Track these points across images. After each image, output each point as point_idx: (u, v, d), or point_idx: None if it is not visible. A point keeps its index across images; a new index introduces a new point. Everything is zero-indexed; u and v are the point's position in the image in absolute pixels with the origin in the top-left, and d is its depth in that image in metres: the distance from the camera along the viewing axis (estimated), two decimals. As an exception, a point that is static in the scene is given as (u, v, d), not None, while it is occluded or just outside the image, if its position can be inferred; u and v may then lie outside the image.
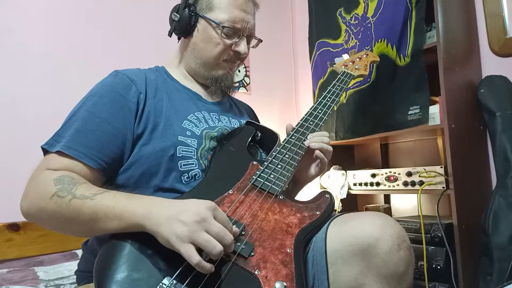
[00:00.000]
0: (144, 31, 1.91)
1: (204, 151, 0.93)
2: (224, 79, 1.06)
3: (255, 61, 2.39)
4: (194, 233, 0.66)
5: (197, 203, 0.71)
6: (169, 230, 0.67)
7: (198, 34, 1.04)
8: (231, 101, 1.20)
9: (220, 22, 1.00)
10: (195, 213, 0.68)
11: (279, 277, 0.69)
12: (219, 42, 1.02)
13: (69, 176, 0.79)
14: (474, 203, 1.53)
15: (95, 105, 0.89)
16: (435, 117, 1.56)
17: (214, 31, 1.02)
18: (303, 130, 1.03)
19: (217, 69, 1.05)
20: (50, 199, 0.75)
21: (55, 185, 0.76)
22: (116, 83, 0.94)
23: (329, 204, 0.86)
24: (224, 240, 0.67)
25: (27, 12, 1.66)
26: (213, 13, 1.02)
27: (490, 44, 1.68)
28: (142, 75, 0.98)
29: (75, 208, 0.74)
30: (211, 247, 0.65)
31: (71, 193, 0.75)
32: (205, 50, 1.03)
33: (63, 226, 0.80)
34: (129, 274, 0.64)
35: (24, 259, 1.46)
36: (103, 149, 0.85)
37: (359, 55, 1.51)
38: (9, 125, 1.56)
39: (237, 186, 0.86)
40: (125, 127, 0.89)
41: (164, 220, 0.68)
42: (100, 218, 0.73)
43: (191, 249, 0.65)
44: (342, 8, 2.03)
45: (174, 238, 0.66)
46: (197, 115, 0.98)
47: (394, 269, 0.72)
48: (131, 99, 0.92)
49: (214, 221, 0.68)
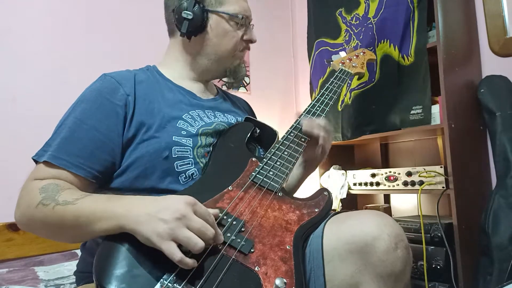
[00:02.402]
0: (144, 31, 1.92)
1: (200, 149, 0.92)
2: (241, 69, 1.10)
3: (255, 61, 2.39)
4: (174, 230, 0.65)
5: (176, 199, 0.70)
6: (149, 228, 0.66)
7: (211, 30, 1.03)
8: (226, 96, 1.18)
9: (235, 14, 1.03)
10: (175, 210, 0.67)
11: (279, 274, 0.70)
12: (234, 34, 1.04)
13: (54, 184, 0.79)
14: (474, 203, 1.53)
15: (83, 112, 0.88)
16: (435, 117, 1.57)
17: (227, 24, 1.04)
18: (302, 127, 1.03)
19: (233, 60, 1.07)
20: (36, 208, 0.75)
21: (40, 193, 0.77)
22: (103, 87, 0.92)
23: (327, 201, 0.86)
24: (205, 235, 0.67)
25: (27, 12, 1.66)
26: (224, 6, 1.03)
27: (490, 44, 1.68)
28: (131, 77, 0.97)
29: (59, 215, 0.74)
30: (192, 244, 0.65)
31: (54, 200, 0.75)
32: (221, 45, 1.04)
33: (53, 234, 0.80)
34: (129, 270, 0.64)
35: (24, 259, 1.46)
36: (91, 157, 0.85)
37: (356, 52, 1.51)
38: (9, 125, 1.56)
39: (237, 182, 0.86)
40: (113, 133, 0.88)
41: (143, 219, 0.68)
42: (82, 222, 0.73)
43: (173, 246, 0.65)
44: (343, 8, 2.03)
45: (155, 236, 0.66)
46: (192, 114, 0.97)
47: (391, 268, 0.72)
48: (118, 102, 0.90)
49: (194, 216, 0.68)
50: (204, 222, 0.68)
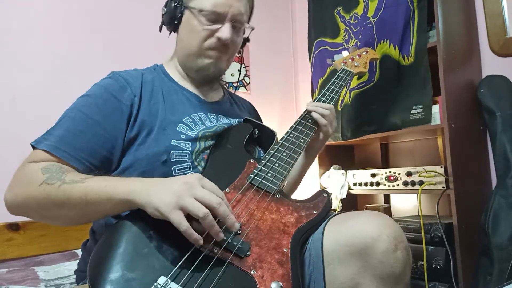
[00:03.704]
0: (144, 31, 1.91)
1: (199, 153, 0.92)
2: (208, 69, 1.01)
3: (255, 61, 2.39)
4: (181, 198, 0.68)
5: (184, 175, 0.74)
6: (158, 199, 0.69)
7: (182, 26, 1.01)
8: (232, 99, 1.18)
9: (201, 9, 0.97)
10: (183, 182, 0.71)
11: (275, 277, 0.69)
12: (200, 29, 0.98)
13: (56, 165, 0.79)
14: (474, 203, 1.53)
15: (88, 106, 0.89)
16: (435, 117, 1.56)
17: (195, 19, 0.98)
18: (301, 128, 1.02)
19: (202, 58, 1.00)
20: (38, 187, 0.75)
21: (43, 173, 0.77)
22: (112, 84, 0.93)
23: (326, 203, 0.85)
24: (211, 202, 0.68)
25: (27, 12, 1.66)
26: (196, 1, 0.99)
27: (490, 44, 1.68)
28: (138, 77, 0.97)
29: (65, 193, 0.74)
30: (196, 209, 0.67)
31: (60, 180, 0.75)
32: (188, 40, 1.00)
33: (52, 213, 0.79)
34: (123, 274, 0.64)
35: (24, 259, 1.46)
36: (92, 152, 0.85)
37: (359, 52, 1.50)
38: (9, 125, 1.56)
39: (234, 184, 0.85)
40: (116, 131, 0.88)
41: (153, 192, 0.70)
42: (91, 198, 0.73)
43: (180, 216, 0.67)
44: (341, 7, 2.02)
45: (163, 205, 0.68)
46: (193, 117, 0.97)
47: (391, 270, 0.72)
48: (125, 102, 0.91)
49: (200, 187, 0.70)
50: (210, 192, 0.70)
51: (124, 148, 0.90)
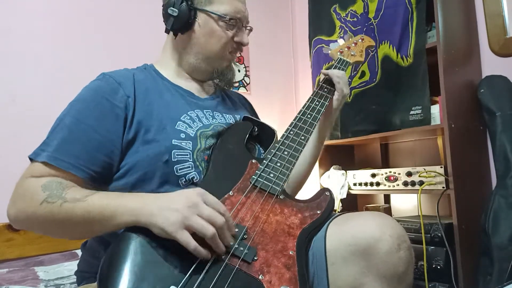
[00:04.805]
0: (144, 31, 1.91)
1: (199, 152, 0.91)
2: (229, 71, 1.06)
3: (255, 61, 2.39)
4: (187, 218, 0.68)
5: (186, 191, 0.74)
6: (163, 218, 0.68)
7: (199, 28, 1.00)
8: (224, 94, 1.16)
9: (224, 14, 0.99)
10: (186, 200, 0.70)
11: (283, 282, 0.69)
12: (223, 35, 1.00)
13: (56, 181, 0.78)
14: (474, 203, 1.53)
15: (81, 111, 0.87)
16: (435, 117, 1.57)
17: (216, 24, 0.99)
18: (301, 124, 1.01)
19: (221, 61, 1.03)
20: (40, 206, 0.75)
21: (43, 191, 0.76)
22: (103, 87, 0.91)
23: (329, 202, 0.85)
24: (216, 222, 0.69)
25: (27, 12, 1.66)
26: (213, 5, 0.99)
27: (490, 44, 1.68)
28: (130, 77, 0.95)
29: (67, 212, 0.73)
30: (204, 230, 0.67)
31: (61, 198, 0.74)
32: (208, 45, 1.01)
33: (57, 231, 0.80)
34: (134, 284, 0.63)
35: (24, 259, 1.46)
36: (90, 158, 0.83)
37: (354, 39, 1.46)
38: (9, 125, 1.56)
39: (237, 187, 0.85)
40: (112, 134, 0.87)
41: (156, 211, 0.70)
42: (94, 217, 0.73)
43: (187, 236, 0.67)
44: (337, 4, 2.03)
45: (169, 226, 0.68)
46: (190, 115, 0.96)
47: (394, 269, 0.72)
48: (118, 104, 0.89)
49: (204, 205, 0.70)
50: (214, 210, 0.70)
51: (123, 151, 0.88)
